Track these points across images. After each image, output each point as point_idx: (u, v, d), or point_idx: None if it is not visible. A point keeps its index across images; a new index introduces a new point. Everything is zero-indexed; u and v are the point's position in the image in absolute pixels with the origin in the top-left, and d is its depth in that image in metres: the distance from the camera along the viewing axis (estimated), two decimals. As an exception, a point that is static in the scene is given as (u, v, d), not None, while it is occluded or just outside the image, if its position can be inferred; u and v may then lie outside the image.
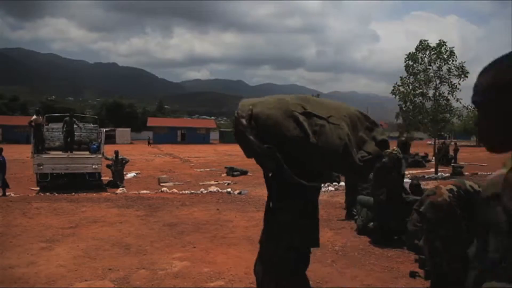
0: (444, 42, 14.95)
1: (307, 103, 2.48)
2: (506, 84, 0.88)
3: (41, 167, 10.75)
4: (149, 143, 44.50)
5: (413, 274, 4.28)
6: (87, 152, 12.29)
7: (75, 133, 12.57)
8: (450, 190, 3.36)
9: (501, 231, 0.78)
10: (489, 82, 0.93)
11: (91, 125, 14.52)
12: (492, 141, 0.95)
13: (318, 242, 2.61)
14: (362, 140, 2.50)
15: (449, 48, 14.84)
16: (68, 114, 13.04)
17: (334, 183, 11.76)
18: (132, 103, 68.68)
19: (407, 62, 15.24)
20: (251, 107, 2.44)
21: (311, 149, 2.33)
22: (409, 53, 15.27)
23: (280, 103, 2.44)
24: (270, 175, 2.55)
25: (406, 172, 14.89)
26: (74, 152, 12.10)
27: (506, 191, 0.81)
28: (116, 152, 12.46)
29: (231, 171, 15.34)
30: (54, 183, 11.05)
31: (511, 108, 0.87)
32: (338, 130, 2.37)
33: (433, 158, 18.70)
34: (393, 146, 6.93)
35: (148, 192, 10.62)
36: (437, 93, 15.08)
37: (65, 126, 12.46)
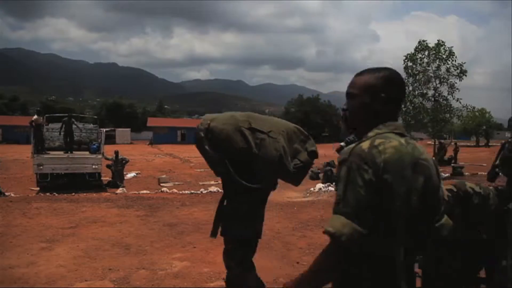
0: (442, 42, 14.92)
1: (253, 119, 3.03)
2: (368, 86, 1.34)
3: (41, 167, 10.75)
4: (150, 143, 44.40)
5: (413, 274, 4.27)
6: (87, 152, 12.29)
7: (75, 133, 12.57)
8: (450, 190, 3.41)
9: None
10: (360, 82, 1.37)
11: (91, 125, 14.52)
12: (353, 124, 1.41)
13: (261, 234, 3.08)
14: (297, 151, 3.05)
15: (448, 48, 14.82)
16: (66, 114, 13.05)
17: (334, 183, 11.75)
18: (132, 103, 68.77)
19: (406, 63, 15.24)
20: (209, 121, 2.98)
21: (253, 158, 2.89)
22: (408, 54, 15.25)
23: (232, 120, 3.00)
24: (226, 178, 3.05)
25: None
26: (74, 152, 12.10)
27: (349, 158, 1.24)
28: (116, 152, 12.46)
29: (231, 171, 15.33)
30: (54, 183, 11.04)
31: (368, 102, 1.34)
32: (275, 143, 2.90)
33: (433, 158, 18.71)
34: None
35: (148, 192, 10.62)
36: (437, 94, 15.08)
37: (63, 126, 12.46)
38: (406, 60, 15.29)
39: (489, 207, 3.46)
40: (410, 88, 15.18)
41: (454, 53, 14.80)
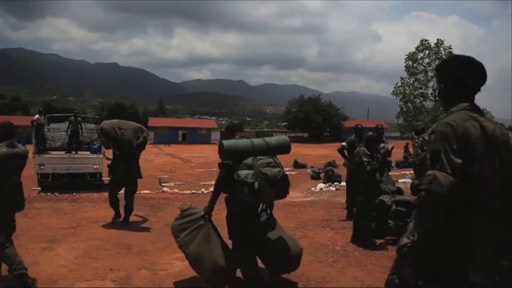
0: (441, 41, 14.84)
1: (120, 123, 6.76)
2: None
3: (43, 167, 10.73)
4: (167, 143, 44.30)
5: (414, 274, 4.27)
6: (88, 152, 12.28)
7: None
8: None
9: None
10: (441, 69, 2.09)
11: (93, 125, 14.51)
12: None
13: (121, 178, 6.92)
14: (138, 137, 6.68)
15: (447, 46, 14.74)
16: (72, 114, 13.02)
17: (335, 183, 11.75)
18: (133, 103, 68.75)
19: (407, 62, 15.18)
20: (102, 125, 6.85)
21: (120, 141, 6.56)
22: (409, 53, 15.20)
23: (111, 124, 6.70)
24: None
25: (407, 172, 14.71)
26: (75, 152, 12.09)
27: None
28: (117, 152, 12.45)
29: (232, 171, 15.31)
30: (55, 183, 11.04)
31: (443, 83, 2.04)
32: (128, 134, 6.58)
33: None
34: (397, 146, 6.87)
35: (149, 192, 10.62)
36: (437, 93, 15.07)
37: (70, 126, 12.45)
38: (407, 59, 15.25)
39: None
40: (411, 88, 15.15)
41: (452, 52, 14.73)
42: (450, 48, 14.77)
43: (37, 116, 12.31)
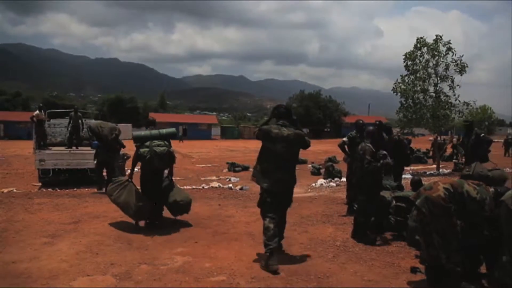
0: (440, 36, 14.72)
1: (102, 123, 9.85)
2: None
3: (43, 162, 10.75)
4: (181, 139, 44.06)
5: (414, 270, 4.29)
6: (89, 148, 12.28)
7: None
8: (447, 189, 3.45)
9: None
10: None
11: (93, 121, 14.48)
12: None
13: (103, 161, 9.79)
14: (112, 133, 9.49)
15: (446, 42, 14.61)
16: (73, 109, 13.00)
17: (336, 179, 11.76)
18: (132, 96, 68.40)
19: (406, 62, 15.08)
20: (89, 124, 10.32)
21: (101, 136, 9.43)
22: (407, 53, 15.08)
23: (96, 123, 9.85)
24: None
25: (408, 168, 14.80)
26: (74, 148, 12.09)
27: None
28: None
29: (232, 167, 15.33)
30: (55, 179, 11.05)
31: None
32: (105, 130, 9.46)
33: (433, 155, 18.64)
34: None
35: (149, 187, 10.63)
36: (437, 89, 14.96)
37: (70, 121, 12.45)
38: (406, 59, 15.16)
39: (483, 213, 3.46)
40: (411, 85, 15.07)
41: (451, 48, 14.60)
42: (449, 43, 14.68)
43: (36, 112, 12.30)
